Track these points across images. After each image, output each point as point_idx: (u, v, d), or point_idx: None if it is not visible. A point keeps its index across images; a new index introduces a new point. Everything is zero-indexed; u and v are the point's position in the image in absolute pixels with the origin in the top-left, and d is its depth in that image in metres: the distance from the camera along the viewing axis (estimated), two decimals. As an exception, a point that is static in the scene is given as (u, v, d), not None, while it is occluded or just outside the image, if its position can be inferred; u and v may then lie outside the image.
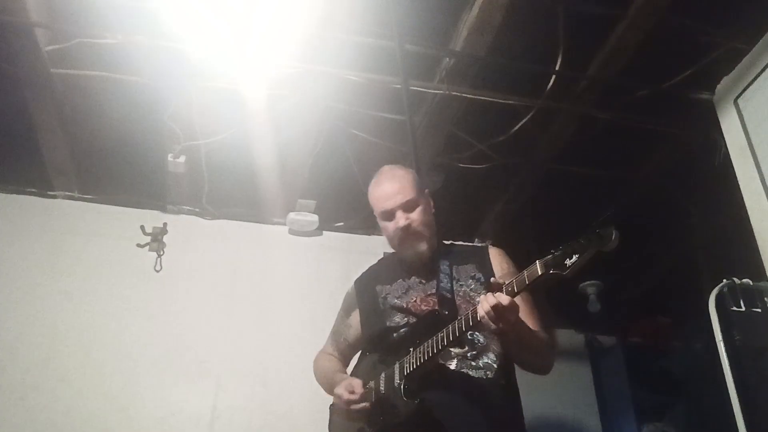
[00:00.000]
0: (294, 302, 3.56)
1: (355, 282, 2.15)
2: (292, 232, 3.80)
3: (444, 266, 1.91)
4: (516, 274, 1.58)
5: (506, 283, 1.55)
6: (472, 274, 1.90)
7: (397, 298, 1.93)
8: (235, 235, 3.72)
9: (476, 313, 1.57)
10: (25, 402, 3.02)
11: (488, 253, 1.95)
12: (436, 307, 1.82)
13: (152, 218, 3.60)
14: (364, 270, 2.19)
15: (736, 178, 2.74)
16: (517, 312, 1.58)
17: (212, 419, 3.19)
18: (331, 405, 2.03)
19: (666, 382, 4.08)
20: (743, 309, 2.55)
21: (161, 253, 3.52)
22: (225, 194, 3.59)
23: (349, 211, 3.77)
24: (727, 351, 2.45)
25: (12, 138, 3.18)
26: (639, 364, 4.21)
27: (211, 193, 3.52)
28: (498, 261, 1.92)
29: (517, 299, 1.60)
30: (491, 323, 1.54)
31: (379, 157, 3.35)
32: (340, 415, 1.89)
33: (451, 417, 1.66)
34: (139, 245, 3.51)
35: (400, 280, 1.97)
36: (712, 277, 2.76)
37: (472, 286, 1.87)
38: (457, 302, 1.82)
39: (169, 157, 3.19)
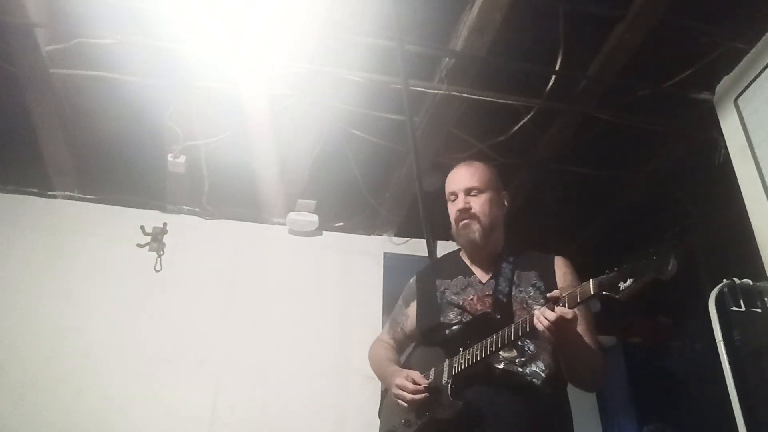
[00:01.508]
0: (294, 302, 3.56)
1: (417, 274, 2.16)
2: (292, 232, 3.80)
3: (506, 269, 1.91)
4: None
5: (559, 297, 1.56)
6: (534, 281, 1.89)
7: (455, 294, 1.93)
8: (235, 235, 3.72)
9: (528, 323, 1.59)
10: (25, 402, 3.03)
11: (553, 263, 1.93)
12: (490, 309, 1.83)
13: (152, 218, 3.60)
14: (427, 264, 2.23)
15: (736, 178, 2.74)
16: (575, 327, 1.59)
17: (212, 419, 3.19)
18: (383, 391, 2.06)
19: (666, 382, 4.08)
20: (743, 309, 2.55)
21: (161, 253, 3.52)
22: (225, 194, 3.58)
23: (349, 211, 3.78)
24: (727, 351, 2.46)
25: (12, 138, 3.18)
26: (639, 364, 4.21)
27: (211, 193, 3.52)
28: (562, 272, 1.90)
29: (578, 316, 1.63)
30: (551, 336, 1.56)
31: (379, 157, 3.37)
32: (391, 403, 1.91)
33: (493, 419, 1.68)
34: (139, 245, 3.51)
35: (461, 276, 1.97)
36: (712, 277, 2.77)
37: (531, 294, 1.85)
38: (514, 307, 1.82)
39: (169, 157, 3.19)
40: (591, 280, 1.49)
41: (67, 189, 3.54)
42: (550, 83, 2.86)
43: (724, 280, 2.61)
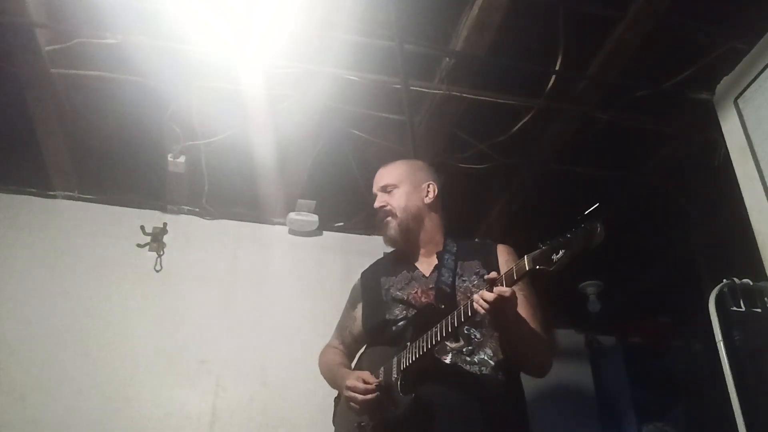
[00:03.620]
0: (294, 302, 3.56)
1: (362, 274, 2.15)
2: (292, 232, 3.80)
3: (448, 260, 1.92)
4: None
5: (496, 277, 1.56)
6: (477, 270, 1.89)
7: (399, 290, 1.93)
8: (235, 235, 3.72)
9: (469, 307, 1.58)
10: (25, 402, 3.02)
11: (495, 250, 1.94)
12: (433, 301, 1.83)
13: (152, 218, 3.60)
14: (371, 264, 2.21)
15: (736, 178, 2.74)
16: (515, 305, 1.59)
17: (212, 419, 3.19)
18: (335, 398, 2.03)
19: (666, 382, 4.08)
20: (743, 309, 2.55)
21: (161, 253, 3.52)
22: (225, 194, 3.59)
23: (349, 211, 3.78)
24: (727, 351, 2.45)
25: (12, 138, 3.18)
26: (639, 364, 4.22)
27: (211, 193, 3.52)
28: (504, 258, 1.90)
29: (520, 299, 1.63)
30: (492, 318, 1.57)
31: (379, 157, 3.36)
32: (344, 408, 1.89)
33: (445, 411, 1.67)
34: (139, 245, 3.51)
35: (405, 271, 1.97)
36: (712, 277, 2.76)
37: (475, 282, 1.85)
38: (458, 297, 1.81)
39: (169, 157, 3.19)
40: (525, 256, 1.51)
41: (67, 189, 3.54)
42: (550, 83, 2.86)
43: (724, 280, 2.60)
